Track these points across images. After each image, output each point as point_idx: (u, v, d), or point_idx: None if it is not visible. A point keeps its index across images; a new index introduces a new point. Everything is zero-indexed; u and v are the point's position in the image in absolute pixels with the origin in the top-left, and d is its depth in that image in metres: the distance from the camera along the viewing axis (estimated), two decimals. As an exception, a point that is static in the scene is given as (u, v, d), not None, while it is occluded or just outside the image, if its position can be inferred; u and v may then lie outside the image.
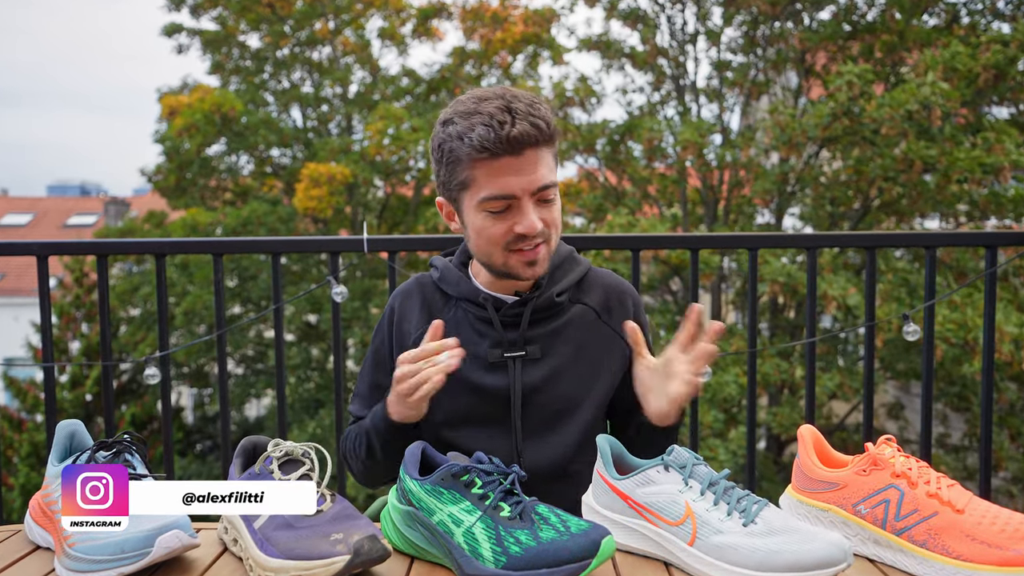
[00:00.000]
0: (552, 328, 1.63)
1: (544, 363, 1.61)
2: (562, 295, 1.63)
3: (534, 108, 1.47)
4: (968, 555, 1.10)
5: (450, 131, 1.50)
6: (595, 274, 1.72)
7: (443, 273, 1.67)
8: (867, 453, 1.25)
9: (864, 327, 2.51)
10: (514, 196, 1.49)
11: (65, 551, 1.19)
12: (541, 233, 1.52)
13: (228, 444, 2.48)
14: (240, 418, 14.75)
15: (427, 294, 1.69)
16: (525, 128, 1.44)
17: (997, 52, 8.98)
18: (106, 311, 2.49)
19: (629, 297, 1.72)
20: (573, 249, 1.73)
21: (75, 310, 13.48)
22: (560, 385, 1.61)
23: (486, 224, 1.52)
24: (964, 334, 7.84)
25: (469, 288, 1.63)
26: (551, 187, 1.51)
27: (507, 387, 1.60)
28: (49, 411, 2.48)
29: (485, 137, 1.44)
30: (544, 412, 1.61)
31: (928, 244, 2.47)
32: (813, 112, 9.23)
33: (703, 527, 1.16)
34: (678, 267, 10.42)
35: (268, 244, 2.50)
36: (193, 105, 12.89)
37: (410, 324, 1.67)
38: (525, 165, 1.47)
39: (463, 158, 1.49)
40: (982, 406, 2.49)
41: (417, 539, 1.25)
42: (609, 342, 1.66)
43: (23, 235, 26.32)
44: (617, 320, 1.67)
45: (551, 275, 1.64)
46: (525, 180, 1.48)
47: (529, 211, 1.49)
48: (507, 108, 1.45)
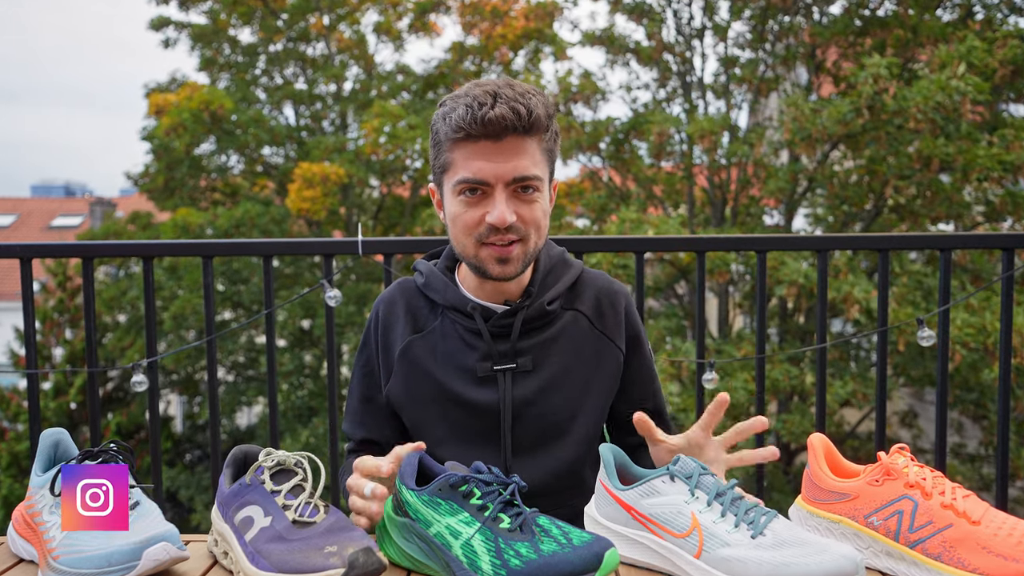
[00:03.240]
0: (544, 338, 1.61)
1: (536, 375, 1.60)
2: (553, 303, 1.61)
3: (523, 96, 1.46)
4: (984, 568, 1.10)
5: (439, 112, 1.51)
6: (587, 276, 1.70)
7: (428, 279, 1.65)
8: (880, 463, 1.25)
9: (876, 332, 2.51)
10: (487, 183, 1.47)
11: (49, 564, 1.19)
12: (514, 229, 1.49)
13: (218, 454, 2.48)
14: (231, 427, 14.74)
15: (411, 301, 1.67)
16: (503, 111, 1.43)
17: (1014, 47, 8.99)
18: (91, 316, 2.49)
19: (621, 298, 1.70)
20: (565, 251, 1.71)
21: (58, 315, 13.49)
22: (553, 399, 1.60)
23: (460, 210, 1.51)
24: (983, 339, 7.84)
25: (456, 297, 1.61)
26: (531, 180, 1.48)
27: (497, 402, 1.58)
28: (33, 420, 2.48)
29: (463, 117, 1.44)
30: (536, 427, 1.59)
31: (943, 246, 2.47)
32: (832, 107, 9.20)
33: (710, 539, 1.16)
34: (685, 269, 10.42)
35: (260, 246, 2.50)
36: (181, 103, 12.88)
37: (395, 334, 1.65)
38: (503, 152, 1.46)
39: (444, 139, 1.50)
40: (999, 413, 2.49)
41: (414, 552, 1.25)
42: (603, 350, 1.65)
43: (6, 237, 26.39)
44: (611, 325, 1.67)
45: (542, 280, 1.63)
46: (500, 167, 1.46)
47: (501, 201, 1.47)
48: (494, 93, 1.45)
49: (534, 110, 1.46)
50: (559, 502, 1.56)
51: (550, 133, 1.52)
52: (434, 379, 1.60)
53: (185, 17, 15.02)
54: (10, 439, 12.77)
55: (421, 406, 1.60)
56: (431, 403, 1.59)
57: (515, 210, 1.49)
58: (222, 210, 13.41)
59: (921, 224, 10.14)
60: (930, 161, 9.14)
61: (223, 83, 15.05)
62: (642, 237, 2.48)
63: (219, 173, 14.72)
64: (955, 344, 7.78)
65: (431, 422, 1.61)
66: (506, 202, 1.48)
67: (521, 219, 1.50)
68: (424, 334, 1.63)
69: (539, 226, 1.53)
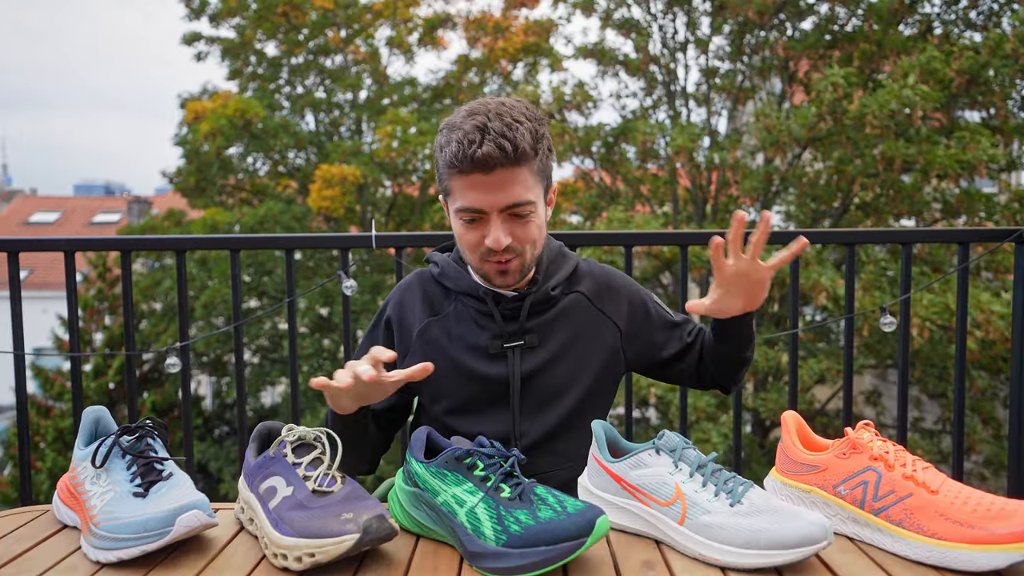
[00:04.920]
0: (548, 318, 1.63)
1: (541, 350, 1.61)
2: (556, 288, 1.64)
3: (510, 129, 1.43)
4: (942, 533, 1.10)
5: (439, 141, 1.51)
6: (585, 265, 1.72)
7: (443, 268, 1.66)
8: (846, 437, 1.25)
9: (844, 319, 2.51)
10: (482, 211, 1.48)
11: (91, 530, 1.19)
12: (511, 249, 1.50)
13: (244, 429, 2.48)
14: (256, 405, 14.75)
15: (427, 288, 1.69)
16: (490, 150, 1.41)
17: (969, 58, 8.98)
18: (129, 304, 2.49)
19: (617, 278, 1.73)
20: (563, 245, 1.73)
21: (99, 303, 13.48)
22: (556, 369, 1.62)
23: (462, 232, 1.53)
24: (948, 317, 7.86)
25: (469, 283, 1.62)
26: (524, 204, 1.48)
27: (507, 375, 1.60)
28: (76, 398, 2.48)
29: (455, 154, 1.44)
30: (541, 393, 1.61)
31: (904, 240, 2.47)
32: (798, 114, 9.22)
33: (692, 507, 1.16)
34: (669, 262, 10.43)
35: (282, 240, 2.50)
36: (217, 111, 12.89)
37: (413, 317, 1.66)
38: (495, 183, 1.45)
39: (443, 168, 1.51)
40: (955, 393, 2.49)
41: (423, 519, 1.25)
42: (600, 324, 1.67)
43: (51, 232, 26.31)
44: (608, 304, 1.68)
45: (545, 271, 1.64)
46: (493, 198, 1.46)
47: (497, 226, 1.48)
48: (482, 128, 1.43)
49: (519, 144, 1.44)
50: (559, 461, 1.60)
51: (540, 155, 1.50)
52: (449, 356, 1.61)
53: (215, 32, 14.99)
54: (55, 416, 12.78)
55: (437, 381, 1.61)
56: (446, 378, 1.61)
57: (510, 231, 1.49)
58: (247, 209, 13.41)
59: (885, 220, 10.14)
60: (893, 162, 9.14)
61: (249, 92, 15.02)
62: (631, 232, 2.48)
63: (247, 174, 14.70)
64: (923, 321, 7.79)
65: (447, 394, 1.62)
66: (501, 226, 1.48)
67: (516, 239, 1.51)
68: (440, 317, 1.65)
69: (534, 241, 1.54)
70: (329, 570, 1.13)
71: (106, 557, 1.16)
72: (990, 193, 10.05)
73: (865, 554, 1.17)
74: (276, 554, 1.14)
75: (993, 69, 9.15)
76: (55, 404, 13.26)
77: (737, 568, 1.11)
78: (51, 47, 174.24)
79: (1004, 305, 7.75)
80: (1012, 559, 1.05)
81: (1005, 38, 9.03)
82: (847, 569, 1.11)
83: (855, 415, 10.39)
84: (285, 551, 1.13)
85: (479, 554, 1.13)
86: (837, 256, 9.74)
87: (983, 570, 1.07)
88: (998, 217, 9.75)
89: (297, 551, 1.11)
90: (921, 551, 1.12)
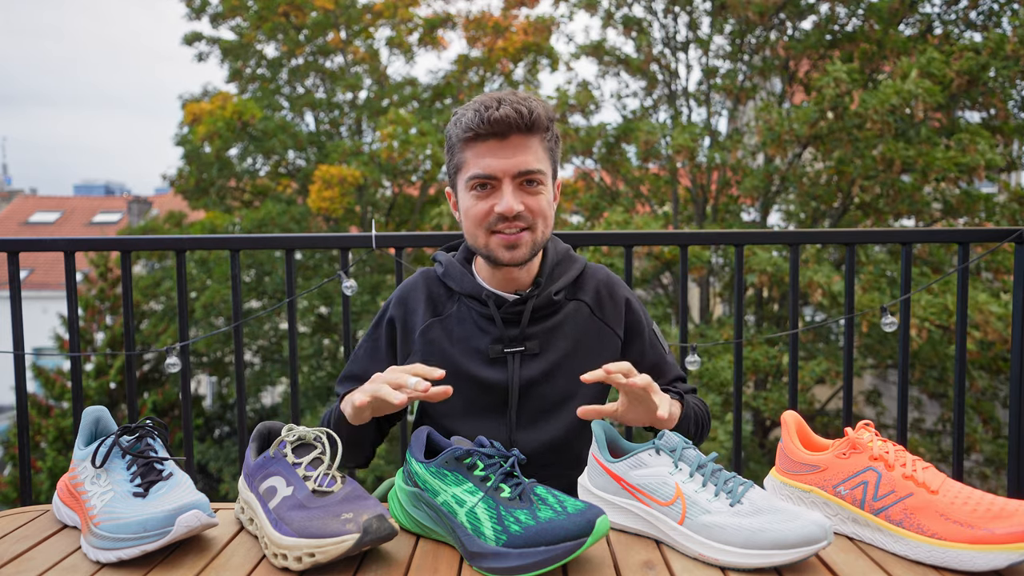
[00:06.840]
0: (550, 325, 1.62)
1: (542, 358, 1.61)
2: (559, 293, 1.63)
3: (525, 100, 1.50)
4: (942, 533, 1.10)
5: (452, 120, 1.55)
6: (590, 270, 1.71)
7: (447, 268, 1.66)
8: (847, 437, 1.25)
9: (844, 319, 2.51)
10: (495, 177, 1.50)
11: (91, 529, 1.20)
12: (521, 217, 1.52)
13: (244, 429, 2.48)
14: (256, 405, 14.75)
15: (432, 288, 1.68)
16: (507, 111, 1.47)
17: (969, 59, 8.97)
18: (129, 304, 2.49)
19: (621, 289, 1.71)
20: (570, 248, 1.73)
21: (99, 303, 13.46)
22: (556, 379, 1.61)
23: (472, 203, 1.54)
24: (946, 318, 7.86)
25: (473, 285, 1.62)
26: (535, 173, 1.51)
27: (506, 381, 1.59)
28: (76, 398, 2.48)
29: (472, 119, 1.49)
30: (539, 404, 1.60)
31: (904, 240, 2.47)
32: (799, 112, 9.22)
33: (692, 507, 1.16)
34: (669, 262, 10.43)
35: (282, 240, 2.50)
36: (215, 112, 12.89)
37: (416, 317, 1.66)
38: (509, 148, 1.49)
39: (456, 142, 1.54)
40: (955, 393, 2.49)
41: (423, 518, 1.25)
42: (602, 335, 1.66)
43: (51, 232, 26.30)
44: (609, 314, 1.67)
45: (550, 273, 1.64)
46: (507, 162, 1.49)
47: (508, 192, 1.50)
48: (499, 98, 1.49)
49: (535, 110, 1.49)
50: (557, 472, 1.57)
51: (551, 133, 1.55)
52: (450, 358, 1.61)
53: (216, 33, 14.98)
54: (55, 416, 12.76)
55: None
56: (445, 380, 1.60)
57: (521, 200, 1.51)
58: (246, 211, 13.42)
59: (884, 220, 10.14)
60: (893, 163, 9.13)
61: (249, 93, 15.01)
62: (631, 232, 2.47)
63: (247, 175, 14.69)
64: (923, 322, 7.79)
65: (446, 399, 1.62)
66: (513, 193, 1.51)
67: (528, 209, 1.52)
68: (442, 318, 1.65)
69: (545, 216, 1.55)
70: (329, 570, 1.13)
71: (106, 557, 1.16)
72: (990, 193, 10.04)
73: (865, 554, 1.17)
74: (276, 554, 1.14)
75: (993, 70, 9.15)
76: (55, 404, 13.25)
77: (737, 568, 1.11)
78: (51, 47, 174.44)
79: (1002, 306, 7.76)
80: (1012, 559, 1.06)
81: (1005, 38, 9.03)
82: (847, 569, 1.11)
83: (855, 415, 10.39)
84: (285, 551, 1.13)
85: (479, 554, 1.13)
86: (836, 256, 9.74)
87: (983, 570, 1.08)
88: (998, 217, 9.75)
89: (297, 551, 1.11)
90: (921, 551, 1.12)
